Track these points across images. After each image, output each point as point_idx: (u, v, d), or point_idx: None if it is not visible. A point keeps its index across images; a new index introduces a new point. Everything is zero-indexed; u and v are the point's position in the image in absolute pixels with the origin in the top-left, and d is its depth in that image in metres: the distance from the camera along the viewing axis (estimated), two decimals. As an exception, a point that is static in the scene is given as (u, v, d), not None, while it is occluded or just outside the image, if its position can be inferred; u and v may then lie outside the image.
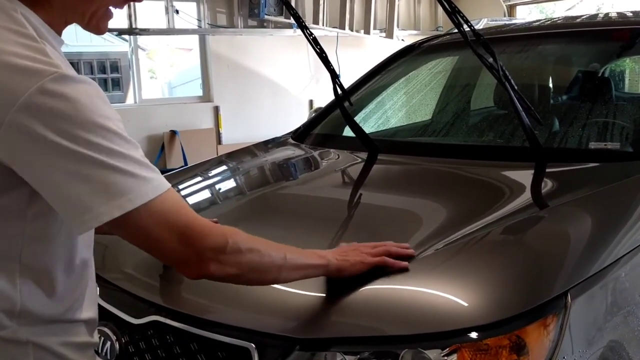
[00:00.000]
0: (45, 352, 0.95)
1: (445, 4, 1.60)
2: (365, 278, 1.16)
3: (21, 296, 0.92)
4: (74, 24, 0.98)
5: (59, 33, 0.96)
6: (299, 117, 3.76)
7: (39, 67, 0.82)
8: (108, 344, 1.30)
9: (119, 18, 5.39)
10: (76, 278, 0.99)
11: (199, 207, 1.90)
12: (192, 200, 1.96)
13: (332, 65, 2.02)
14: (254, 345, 1.10)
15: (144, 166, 0.88)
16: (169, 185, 0.91)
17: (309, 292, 1.18)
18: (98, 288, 1.43)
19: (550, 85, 2.43)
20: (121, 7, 1.01)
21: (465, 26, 1.65)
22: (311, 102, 6.62)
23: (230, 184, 2.18)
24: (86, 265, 1.03)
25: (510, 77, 1.64)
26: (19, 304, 0.91)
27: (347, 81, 2.84)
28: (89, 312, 1.03)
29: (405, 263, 1.17)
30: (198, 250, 0.93)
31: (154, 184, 0.88)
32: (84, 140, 0.83)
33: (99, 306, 1.38)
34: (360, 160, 2.04)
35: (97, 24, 0.97)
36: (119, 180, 0.85)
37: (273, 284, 1.10)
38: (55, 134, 0.81)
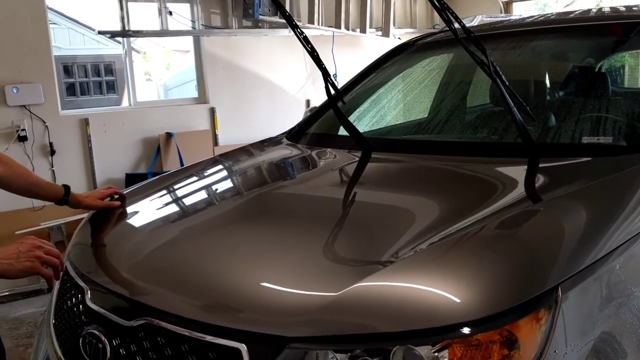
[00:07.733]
0: None
1: (435, 1, 1.59)
2: (354, 275, 1.15)
3: None
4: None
5: None
6: (296, 118, 3.74)
7: None
8: (99, 346, 1.29)
9: (111, 20, 5.37)
10: None
11: (194, 207, 1.89)
12: (187, 200, 1.96)
13: (323, 64, 2.01)
14: (244, 346, 1.10)
15: None
16: None
17: (300, 291, 1.18)
18: (89, 291, 1.43)
19: (544, 80, 2.42)
20: None
21: (455, 23, 1.65)
22: (308, 102, 6.61)
23: (225, 183, 2.17)
24: None
25: (501, 74, 1.63)
26: None
27: (343, 80, 2.82)
28: None
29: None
30: None
31: None
32: None
33: (91, 309, 1.38)
34: (354, 159, 2.04)
35: None
36: None
37: None
38: None
